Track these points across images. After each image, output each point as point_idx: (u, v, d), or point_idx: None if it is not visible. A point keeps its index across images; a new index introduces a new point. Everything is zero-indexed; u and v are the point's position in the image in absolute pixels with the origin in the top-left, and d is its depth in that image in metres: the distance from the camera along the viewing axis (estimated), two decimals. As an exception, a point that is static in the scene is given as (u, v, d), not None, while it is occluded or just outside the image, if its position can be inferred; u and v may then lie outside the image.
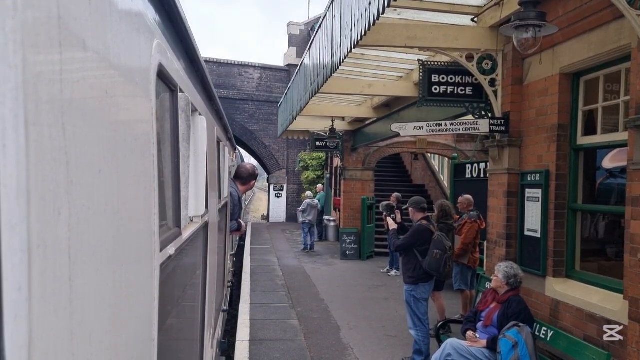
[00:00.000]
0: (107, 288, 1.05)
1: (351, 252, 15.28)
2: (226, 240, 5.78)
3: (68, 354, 0.82)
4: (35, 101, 0.70)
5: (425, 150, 16.32)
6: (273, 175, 28.08)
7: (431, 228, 6.33)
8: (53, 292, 0.76)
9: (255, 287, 11.07)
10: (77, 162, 0.85)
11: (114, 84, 1.10)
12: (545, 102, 5.72)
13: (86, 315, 0.91)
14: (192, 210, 2.54)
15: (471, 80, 6.56)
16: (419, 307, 6.24)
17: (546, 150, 5.68)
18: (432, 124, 6.36)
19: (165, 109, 1.98)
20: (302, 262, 14.61)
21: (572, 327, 5.13)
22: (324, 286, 11.38)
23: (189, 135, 2.44)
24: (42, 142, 0.72)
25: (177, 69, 2.09)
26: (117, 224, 1.12)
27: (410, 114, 11.04)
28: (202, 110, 2.94)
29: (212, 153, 3.44)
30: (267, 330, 7.98)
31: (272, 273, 12.93)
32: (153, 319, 1.49)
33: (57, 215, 0.77)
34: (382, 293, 10.83)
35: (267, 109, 27.55)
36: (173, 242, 1.87)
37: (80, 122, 0.88)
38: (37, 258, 0.69)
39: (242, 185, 5.76)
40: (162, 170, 1.83)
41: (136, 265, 1.31)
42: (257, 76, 28.04)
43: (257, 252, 16.36)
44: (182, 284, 2.47)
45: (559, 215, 5.55)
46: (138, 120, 1.34)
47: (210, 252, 3.45)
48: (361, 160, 16.01)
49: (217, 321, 4.81)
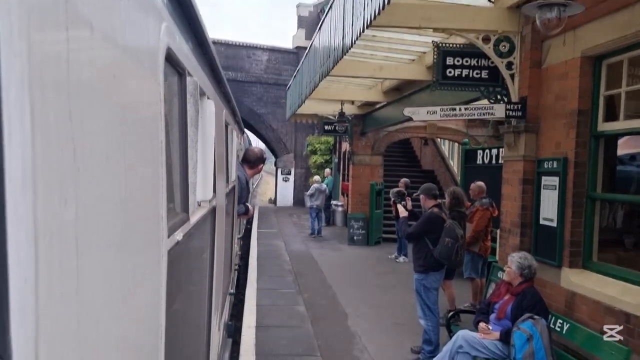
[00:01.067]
0: (115, 277, 1.04)
1: (359, 238, 15.15)
2: (233, 223, 5.78)
3: (75, 344, 0.81)
4: (41, 88, 0.68)
5: (435, 136, 16.08)
6: (281, 159, 27.92)
7: (443, 216, 6.16)
8: (59, 282, 0.75)
9: (262, 272, 10.98)
10: (83, 149, 0.84)
11: (121, 68, 1.07)
12: (565, 86, 5.49)
13: (93, 304, 0.90)
14: (200, 195, 2.51)
15: (487, 63, 6.32)
16: (429, 297, 6.10)
17: (565, 136, 5.47)
18: (445, 109, 6.15)
19: (173, 93, 1.95)
20: (310, 247, 14.51)
21: (588, 319, 4.97)
22: (331, 272, 11.27)
23: (197, 119, 2.40)
24: (48, 129, 0.71)
25: (186, 52, 2.06)
26: (125, 211, 1.10)
27: (421, 98, 10.80)
28: (211, 94, 2.91)
29: (220, 137, 3.40)
30: (274, 316, 7.88)
31: (279, 258, 12.83)
32: (161, 305, 1.48)
33: (64, 204, 0.76)
34: (390, 280, 10.70)
35: (276, 91, 27.30)
36: (181, 227, 1.85)
37: (87, 107, 0.86)
38: (43, 249, 0.68)
39: (250, 168, 5.75)
40: (170, 155, 1.80)
41: (144, 252, 1.30)
42: (265, 58, 27.74)
43: (264, 236, 16.27)
44: (189, 268, 2.46)
45: (577, 204, 5.35)
46: (146, 105, 1.32)
47: (217, 236, 3.43)
48: (370, 145, 15.80)
49: (224, 304, 4.83)
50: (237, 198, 5.61)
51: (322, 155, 23.93)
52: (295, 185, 28.00)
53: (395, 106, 12.68)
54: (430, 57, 8.99)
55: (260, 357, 6.21)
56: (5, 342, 0.62)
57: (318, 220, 16.78)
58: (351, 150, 15.86)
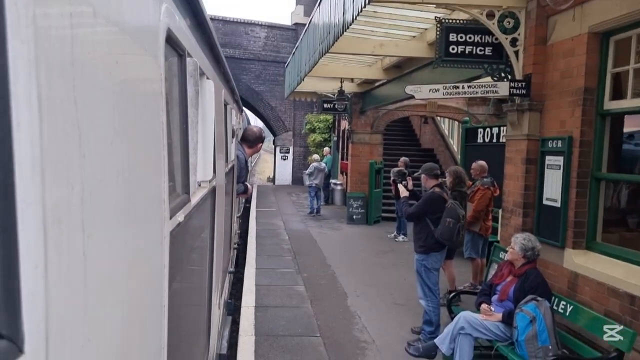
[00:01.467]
0: (119, 259, 1.06)
1: (358, 217, 15.10)
2: (233, 203, 5.81)
3: (83, 327, 0.84)
4: (48, 75, 0.69)
5: (435, 114, 15.92)
6: (279, 137, 27.76)
7: (444, 196, 6.06)
8: (68, 267, 0.77)
9: (260, 252, 10.93)
10: (88, 135, 0.85)
11: (123, 53, 1.08)
12: (571, 63, 5.36)
13: (100, 287, 0.92)
14: (200, 175, 2.54)
15: (491, 40, 6.17)
16: (429, 277, 6.04)
17: (570, 115, 5.35)
18: (448, 87, 6.01)
19: (173, 74, 1.95)
20: (309, 226, 14.46)
21: (591, 301, 4.91)
22: (331, 251, 11.23)
23: (197, 100, 2.39)
24: (54, 117, 0.72)
25: (185, 33, 2.05)
26: (129, 195, 1.12)
27: (422, 75, 10.64)
28: (210, 74, 2.91)
29: (219, 117, 3.41)
30: (273, 296, 7.85)
31: (277, 237, 12.79)
32: (163, 286, 1.51)
33: (71, 190, 0.78)
34: (390, 259, 10.67)
35: (274, 69, 27.02)
36: (182, 208, 1.88)
37: (92, 93, 0.87)
38: (52, 235, 0.70)
39: (249, 148, 5.78)
40: (171, 137, 1.80)
41: (147, 234, 1.32)
42: (263, 35, 27.39)
43: (263, 215, 16.21)
44: (190, 248, 2.49)
45: (581, 184, 5.26)
46: (147, 88, 1.32)
47: (217, 215, 3.45)
48: (370, 123, 15.65)
49: (223, 283, 4.88)
50: (236, 177, 5.60)
51: (321, 133, 23.77)
52: (293, 164, 27.90)
53: (396, 84, 12.51)
54: (432, 34, 8.83)
55: (260, 337, 6.18)
56: (17, 326, 0.63)
57: (317, 199, 16.71)
58: (350, 128, 15.71)
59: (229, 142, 4.68)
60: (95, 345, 0.90)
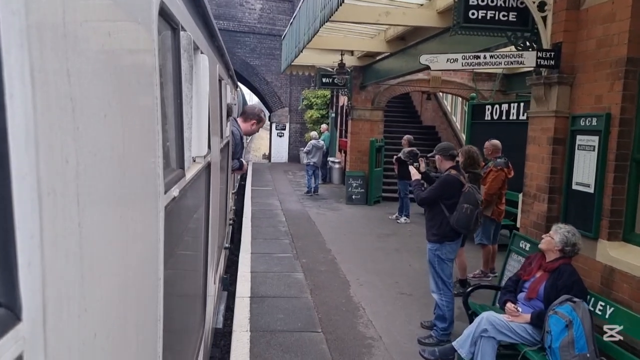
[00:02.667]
0: (115, 232, 1.08)
1: (357, 197, 14.50)
2: (228, 179, 5.81)
3: (80, 298, 0.85)
4: (40, 47, 0.69)
5: (439, 90, 15.22)
6: (275, 114, 26.99)
7: (461, 179, 5.45)
8: (64, 238, 0.79)
9: (256, 234, 10.34)
10: (82, 108, 0.86)
11: (116, 26, 1.07)
12: (611, 30, 4.70)
13: (95, 259, 0.95)
14: (195, 150, 2.52)
15: (516, 4, 5.47)
16: (443, 269, 5.46)
17: (608, 89, 4.71)
18: (468, 57, 5.33)
19: (167, 48, 1.93)
20: (306, 207, 13.86)
21: (630, 299, 4.34)
22: (330, 234, 10.65)
23: (191, 74, 2.36)
24: (47, 89, 0.72)
25: (179, 6, 2.02)
26: (123, 169, 1.12)
27: (429, 47, 9.92)
28: (204, 49, 2.87)
29: (214, 92, 3.38)
30: (270, 284, 7.27)
31: (274, 218, 12.19)
32: (159, 259, 1.51)
33: (65, 163, 0.79)
34: (393, 243, 10.10)
35: (270, 42, 26.15)
36: (177, 183, 1.86)
37: (85, 66, 0.88)
38: (47, 206, 0.71)
39: (244, 122, 5.69)
40: (165, 111, 1.80)
41: (142, 208, 1.32)
42: (259, 7, 26.45)
43: (259, 194, 15.59)
44: (185, 223, 2.49)
45: (619, 168, 4.65)
46: (141, 61, 1.31)
47: (212, 191, 3.45)
48: (370, 99, 14.93)
49: (219, 258, 4.87)
50: (231, 153, 5.55)
51: (319, 110, 23.01)
52: (290, 141, 27.20)
53: (399, 57, 11.79)
54: (443, 1, 8.11)
55: (256, 333, 5.61)
56: (14, 296, 0.64)
57: (315, 177, 16.09)
58: (350, 104, 14.99)
59: (224, 117, 4.59)
60: (92, 316, 0.91)
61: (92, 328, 0.92)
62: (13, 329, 0.63)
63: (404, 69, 11.77)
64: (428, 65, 5.34)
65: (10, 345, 0.62)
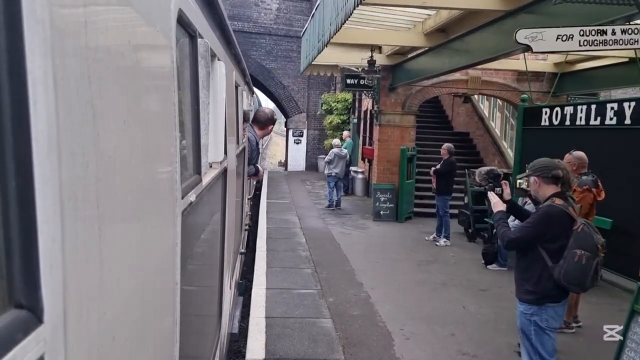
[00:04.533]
0: (133, 236, 1.10)
1: (386, 213, 12.82)
2: (244, 184, 5.79)
3: (99, 301, 0.87)
4: (62, 55, 0.71)
5: (478, 91, 13.51)
6: (292, 120, 25.45)
7: (570, 212, 3.77)
8: (84, 242, 0.81)
9: (272, 260, 8.72)
10: (102, 114, 0.87)
11: (136, 33, 1.09)
12: None
13: (114, 262, 0.96)
14: (212, 156, 2.52)
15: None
16: (543, 342, 3.76)
17: None
18: (588, 32, 3.66)
19: (185, 55, 1.96)
20: (329, 224, 12.22)
21: None
22: (359, 260, 8.99)
23: (208, 81, 2.35)
24: (69, 96, 0.74)
25: (197, 14, 2.05)
26: (141, 174, 1.15)
27: (479, 40, 8.27)
28: (221, 55, 2.91)
29: (230, 98, 3.41)
30: (290, 338, 5.62)
31: (292, 238, 10.57)
32: (176, 264, 1.52)
33: (86, 168, 0.80)
34: (436, 274, 8.39)
35: (287, 44, 24.70)
36: (194, 189, 1.90)
37: (105, 73, 0.89)
38: (68, 210, 0.73)
39: (260, 129, 5.64)
40: (182, 117, 1.81)
41: (159, 213, 1.35)
42: (275, 7, 25.01)
43: (275, 208, 13.99)
44: (202, 228, 2.49)
45: None
46: (159, 68, 1.34)
47: (228, 197, 3.45)
48: (401, 102, 13.25)
49: (235, 263, 4.82)
50: (247, 159, 5.59)
51: (339, 115, 21.34)
52: (307, 148, 25.61)
53: (439, 53, 10.13)
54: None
55: None
56: (36, 299, 0.66)
57: (337, 190, 14.45)
58: (378, 108, 13.32)
59: (240, 123, 4.56)
60: (110, 319, 0.93)
61: (110, 331, 0.94)
62: (35, 331, 0.65)
63: (444, 66, 10.10)
64: (527, 45, 3.68)
65: (32, 347, 0.64)
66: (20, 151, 0.63)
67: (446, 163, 10.47)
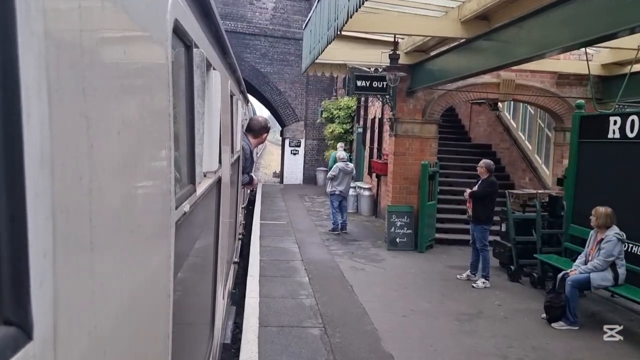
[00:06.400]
0: (126, 248, 1.06)
1: (403, 240, 10.71)
2: (238, 193, 5.78)
3: (90, 315, 0.84)
4: (57, 68, 0.69)
5: (512, 97, 11.44)
6: (288, 128, 23.37)
7: None
8: (76, 256, 0.77)
9: (266, 315, 6.56)
10: (96, 126, 0.85)
11: (131, 44, 1.08)
12: None
13: (106, 276, 0.92)
14: (206, 166, 2.53)
15: None
16: None
17: None
18: None
19: (180, 65, 1.93)
20: (335, 254, 10.08)
21: None
22: (382, 313, 6.85)
23: (203, 91, 2.36)
24: (63, 108, 0.72)
25: (193, 24, 2.05)
26: (135, 185, 1.12)
27: (539, 27, 6.20)
28: (217, 65, 2.91)
29: (225, 108, 3.40)
30: None
31: (292, 277, 8.42)
32: (169, 276, 1.49)
33: (79, 180, 0.78)
34: (486, 335, 6.24)
35: (283, 46, 22.72)
36: (188, 199, 1.86)
37: (100, 84, 0.87)
38: (60, 224, 0.70)
39: (254, 138, 5.45)
40: (177, 128, 1.81)
41: (153, 224, 1.31)
42: (271, 6, 23.01)
43: (270, 232, 11.85)
44: (195, 238, 2.49)
45: None
46: (155, 79, 1.30)
47: (222, 206, 3.44)
48: (421, 109, 11.15)
49: (228, 273, 4.79)
50: (241, 168, 5.47)
51: (341, 123, 19.25)
52: (305, 160, 23.53)
53: (471, 48, 8.04)
54: None
55: None
56: (26, 314, 0.63)
57: (342, 211, 12.34)
58: (394, 115, 11.22)
59: (235, 133, 4.57)
60: (102, 333, 0.90)
61: (102, 345, 0.90)
62: (24, 348, 0.62)
63: (482, 65, 8.00)
64: None
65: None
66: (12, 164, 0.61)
67: (486, 183, 8.39)
